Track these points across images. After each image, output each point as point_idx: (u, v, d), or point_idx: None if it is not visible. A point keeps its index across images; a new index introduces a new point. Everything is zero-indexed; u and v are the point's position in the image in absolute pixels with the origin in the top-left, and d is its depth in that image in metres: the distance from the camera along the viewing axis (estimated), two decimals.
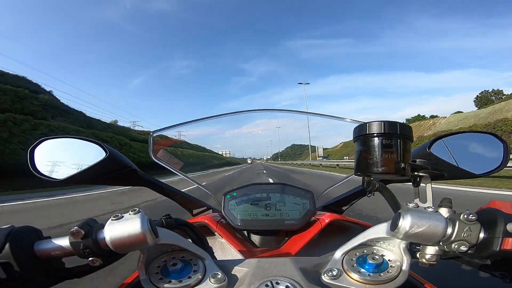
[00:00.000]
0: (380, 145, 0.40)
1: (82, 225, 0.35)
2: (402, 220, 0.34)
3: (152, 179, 0.70)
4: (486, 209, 0.36)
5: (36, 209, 5.74)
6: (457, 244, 0.34)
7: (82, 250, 0.35)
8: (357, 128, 0.42)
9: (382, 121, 0.40)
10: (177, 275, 0.38)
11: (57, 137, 0.63)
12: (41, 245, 0.36)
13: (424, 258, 0.37)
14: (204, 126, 0.81)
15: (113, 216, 0.36)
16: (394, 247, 0.39)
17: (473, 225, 0.34)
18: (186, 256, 0.41)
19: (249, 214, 0.68)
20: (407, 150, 0.40)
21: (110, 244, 0.34)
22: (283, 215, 0.68)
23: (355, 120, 0.72)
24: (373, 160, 0.40)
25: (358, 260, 0.40)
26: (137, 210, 0.36)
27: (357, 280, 0.37)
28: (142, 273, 0.37)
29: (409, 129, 0.40)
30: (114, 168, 0.60)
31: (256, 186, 0.73)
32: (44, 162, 0.59)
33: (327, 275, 0.38)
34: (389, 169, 0.39)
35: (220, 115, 0.81)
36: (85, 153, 0.61)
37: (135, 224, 0.34)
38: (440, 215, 0.35)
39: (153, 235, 0.35)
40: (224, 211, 0.69)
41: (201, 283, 0.37)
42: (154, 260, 0.40)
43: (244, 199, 0.70)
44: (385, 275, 0.37)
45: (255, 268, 0.40)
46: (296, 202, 0.69)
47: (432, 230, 0.34)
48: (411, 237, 0.35)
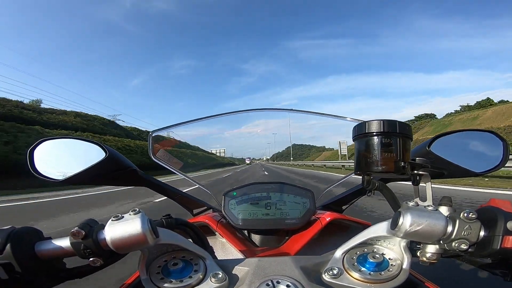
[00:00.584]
0: (380, 144, 0.39)
1: (82, 225, 0.35)
2: (402, 219, 0.34)
3: (152, 179, 0.70)
4: (486, 207, 0.36)
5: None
6: (457, 242, 0.34)
7: (83, 251, 0.35)
8: (357, 127, 0.42)
9: (381, 120, 0.40)
10: (178, 275, 0.38)
11: (57, 138, 0.63)
12: (42, 245, 0.36)
13: (424, 257, 0.37)
14: (203, 126, 0.81)
15: (113, 217, 0.36)
16: (394, 246, 0.39)
17: (473, 224, 0.34)
18: (186, 256, 0.41)
19: (250, 213, 0.68)
20: (406, 149, 0.40)
21: (110, 244, 0.34)
22: (283, 214, 0.68)
23: (354, 119, 0.71)
24: (372, 159, 0.40)
25: (358, 259, 0.40)
26: (137, 210, 0.36)
27: (358, 279, 0.37)
28: (143, 273, 0.38)
29: (408, 127, 0.40)
30: (113, 168, 0.60)
31: (256, 185, 0.73)
32: (43, 163, 0.59)
33: (327, 274, 0.38)
34: (388, 168, 0.39)
35: (220, 115, 0.81)
36: (84, 154, 0.61)
37: (136, 224, 0.34)
38: (440, 214, 0.35)
39: (154, 235, 0.35)
40: (225, 210, 0.69)
41: (202, 282, 0.37)
42: (154, 260, 0.40)
43: (244, 198, 0.70)
44: (385, 274, 0.37)
45: (256, 267, 0.40)
46: (296, 201, 0.69)
47: (432, 228, 0.34)
48: (412, 236, 0.35)
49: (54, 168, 0.60)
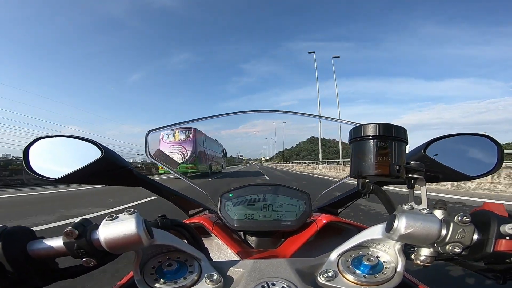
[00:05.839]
0: (375, 147, 0.40)
1: (76, 225, 0.35)
2: (397, 222, 0.34)
3: (148, 179, 0.70)
4: (480, 211, 0.37)
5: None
6: (451, 245, 0.34)
7: (76, 251, 0.34)
8: (353, 130, 0.42)
9: (377, 123, 0.40)
10: (172, 276, 0.38)
11: (53, 136, 0.63)
12: (34, 245, 0.35)
13: (418, 260, 0.37)
14: (202, 125, 0.81)
15: (107, 217, 0.35)
16: (389, 249, 0.40)
17: (467, 227, 0.34)
18: (181, 257, 0.41)
19: (246, 215, 0.68)
20: (402, 152, 0.40)
21: (104, 244, 0.34)
22: (279, 216, 0.68)
23: (352, 121, 0.72)
24: (368, 162, 0.40)
25: (353, 262, 0.40)
26: (132, 210, 0.36)
27: (353, 281, 0.37)
28: (136, 273, 0.37)
29: (404, 131, 0.41)
30: (109, 168, 0.60)
31: (252, 187, 0.72)
32: (39, 161, 0.59)
33: (322, 277, 0.38)
34: (383, 171, 0.39)
35: (218, 115, 0.81)
36: (80, 153, 0.61)
37: (130, 224, 0.34)
38: (434, 217, 0.35)
39: (148, 235, 0.35)
40: (221, 212, 0.69)
41: (197, 284, 0.37)
42: (149, 261, 0.40)
43: (241, 200, 0.70)
44: (380, 276, 0.37)
45: (251, 269, 0.40)
46: (292, 204, 0.69)
47: (427, 231, 0.34)
48: (406, 239, 0.35)
49: (49, 167, 0.60)
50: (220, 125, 0.98)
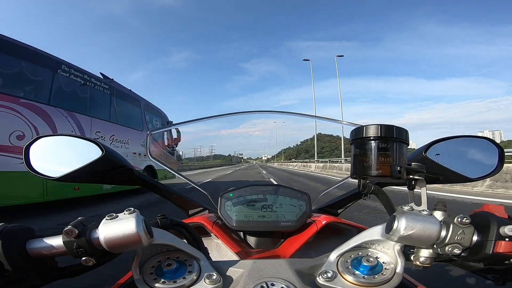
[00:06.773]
0: (376, 148, 0.40)
1: (75, 224, 0.35)
2: (397, 223, 0.34)
3: (148, 179, 0.70)
4: (480, 213, 0.37)
5: None
6: (450, 247, 0.34)
7: (75, 250, 0.34)
8: (354, 131, 0.43)
9: (379, 124, 0.40)
10: (171, 276, 0.38)
11: (53, 135, 0.63)
12: (33, 244, 0.35)
13: (418, 261, 0.37)
14: (202, 125, 0.81)
15: (107, 216, 0.35)
16: (388, 250, 0.40)
17: (467, 228, 0.34)
18: (181, 256, 0.41)
19: (245, 215, 0.68)
20: (403, 154, 0.40)
21: (104, 243, 0.34)
22: (279, 216, 0.68)
23: (352, 122, 0.72)
24: (369, 163, 0.40)
25: (353, 262, 0.40)
26: (132, 210, 0.36)
27: (352, 282, 0.37)
28: (136, 273, 0.37)
29: (405, 132, 0.41)
30: (110, 167, 0.60)
31: (252, 187, 0.72)
32: (39, 160, 0.59)
33: (322, 277, 0.38)
34: (384, 172, 0.39)
35: (218, 116, 0.81)
36: (81, 152, 0.61)
37: (130, 224, 0.34)
38: (434, 218, 0.35)
39: (148, 235, 0.35)
40: (220, 211, 0.69)
41: (196, 283, 0.37)
42: (148, 260, 0.40)
43: (240, 200, 0.70)
44: (379, 277, 0.37)
45: (251, 269, 0.40)
46: (292, 204, 0.69)
47: (427, 233, 0.34)
48: (406, 240, 0.35)
49: (50, 166, 0.60)
50: (221, 125, 1.00)
